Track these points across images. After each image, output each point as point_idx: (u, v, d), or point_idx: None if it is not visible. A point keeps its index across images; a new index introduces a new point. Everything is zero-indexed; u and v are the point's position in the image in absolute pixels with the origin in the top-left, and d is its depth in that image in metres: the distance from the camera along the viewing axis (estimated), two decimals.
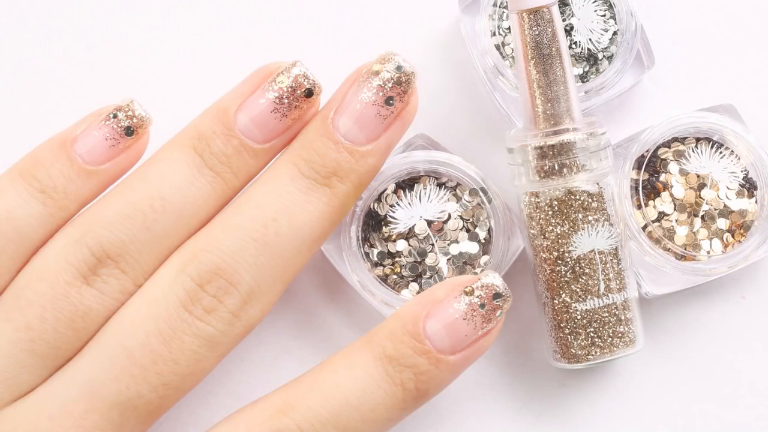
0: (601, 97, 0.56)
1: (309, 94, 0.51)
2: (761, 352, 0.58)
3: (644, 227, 0.55)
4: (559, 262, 0.53)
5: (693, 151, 0.56)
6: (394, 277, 0.55)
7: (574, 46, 0.56)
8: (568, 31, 0.56)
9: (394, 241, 0.55)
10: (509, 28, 0.56)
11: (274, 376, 0.57)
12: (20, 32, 0.59)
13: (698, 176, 0.56)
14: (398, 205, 0.55)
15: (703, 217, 0.56)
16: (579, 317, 0.53)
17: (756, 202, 0.56)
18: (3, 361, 0.49)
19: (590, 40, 0.56)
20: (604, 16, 0.56)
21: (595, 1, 0.56)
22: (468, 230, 0.55)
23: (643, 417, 0.58)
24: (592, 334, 0.53)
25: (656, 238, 0.55)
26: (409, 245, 0.55)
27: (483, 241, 0.55)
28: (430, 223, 0.55)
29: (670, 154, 0.56)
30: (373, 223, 0.55)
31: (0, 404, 0.50)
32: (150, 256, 0.51)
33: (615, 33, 0.56)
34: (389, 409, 0.50)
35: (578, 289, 0.53)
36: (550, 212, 0.53)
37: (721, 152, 0.56)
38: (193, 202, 0.51)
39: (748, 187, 0.56)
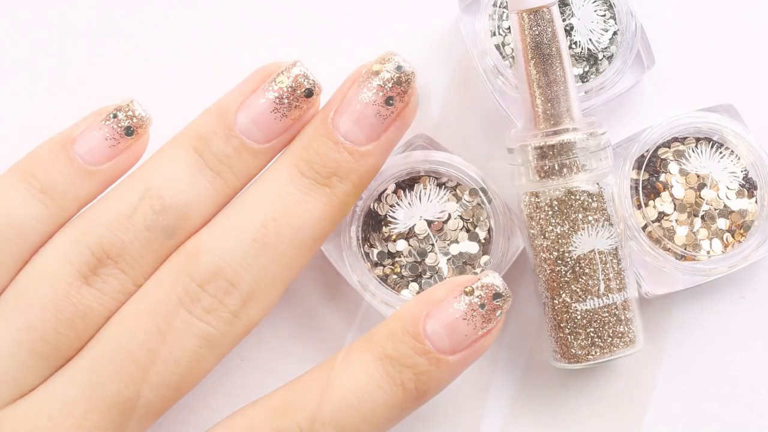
0: (601, 97, 0.56)
1: (309, 94, 0.51)
2: (761, 352, 0.58)
3: (644, 227, 0.55)
4: (559, 262, 0.53)
5: (693, 151, 0.56)
6: (394, 277, 0.55)
7: (574, 46, 0.56)
8: (568, 31, 0.56)
9: (394, 241, 0.55)
10: (509, 28, 0.56)
11: (274, 376, 0.57)
12: (20, 32, 0.59)
13: (698, 176, 0.56)
14: (398, 205, 0.55)
15: (703, 217, 0.56)
16: (579, 317, 0.53)
17: (756, 202, 0.56)
18: (4, 361, 0.49)
19: (590, 40, 0.56)
20: (604, 16, 0.56)
21: (595, 1, 0.56)
22: (468, 230, 0.55)
23: (643, 417, 0.58)
24: (592, 334, 0.53)
25: (656, 238, 0.55)
26: (409, 245, 0.55)
27: (483, 241, 0.55)
28: (430, 223, 0.55)
29: (670, 154, 0.56)
30: (373, 223, 0.55)
31: (0, 404, 0.50)
32: (150, 256, 0.51)
33: (615, 33, 0.56)
34: (389, 409, 0.50)
35: (578, 289, 0.53)
36: (550, 212, 0.53)
37: (721, 152, 0.56)
38: (193, 202, 0.51)
39: (748, 187, 0.56)
